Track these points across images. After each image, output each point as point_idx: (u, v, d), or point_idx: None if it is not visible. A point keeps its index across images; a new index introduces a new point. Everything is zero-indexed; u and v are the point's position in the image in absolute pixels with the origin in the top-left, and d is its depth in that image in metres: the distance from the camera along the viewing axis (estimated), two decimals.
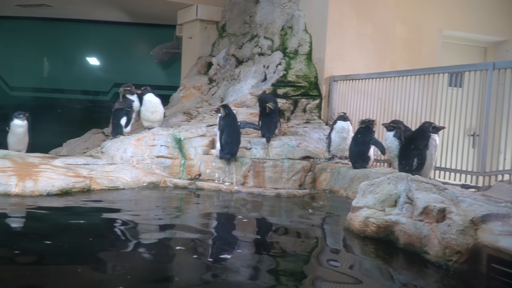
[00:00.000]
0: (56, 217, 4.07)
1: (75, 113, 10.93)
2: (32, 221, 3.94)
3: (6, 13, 10.02)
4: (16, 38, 10.73)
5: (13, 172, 4.82)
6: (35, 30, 10.69)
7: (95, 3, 8.64)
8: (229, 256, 3.13)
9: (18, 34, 10.69)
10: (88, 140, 7.76)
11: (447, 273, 2.87)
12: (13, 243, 3.27)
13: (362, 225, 3.60)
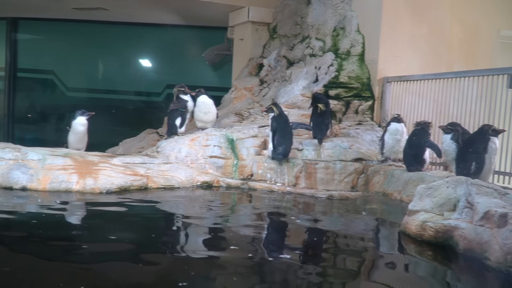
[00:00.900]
0: (117, 214, 4.23)
1: (129, 113, 11.27)
2: (95, 218, 4.10)
3: (63, 16, 10.43)
4: (73, 40, 11.17)
5: (74, 170, 5.04)
6: (91, 32, 11.09)
7: (150, 6, 8.88)
8: (281, 256, 3.16)
9: (75, 36, 11.12)
10: (143, 140, 7.99)
11: (508, 279, 2.79)
12: (80, 238, 3.43)
13: (419, 229, 3.54)
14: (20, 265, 2.80)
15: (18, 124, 11.17)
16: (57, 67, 11.12)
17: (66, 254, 3.06)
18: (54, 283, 2.56)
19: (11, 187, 4.76)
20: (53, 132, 11.38)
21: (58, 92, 11.21)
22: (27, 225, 3.68)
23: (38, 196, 4.57)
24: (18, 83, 11.11)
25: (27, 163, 5.00)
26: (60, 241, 3.35)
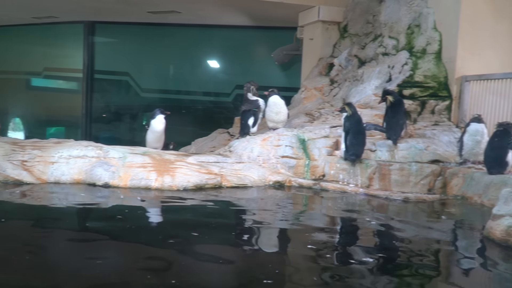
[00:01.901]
0: (196, 210, 4.35)
1: (198, 113, 11.53)
2: (176, 214, 4.24)
3: (138, 19, 10.84)
4: (147, 43, 11.59)
5: (153, 168, 5.22)
6: (164, 35, 11.44)
7: (221, 9, 9.04)
8: (353, 260, 3.11)
9: (149, 39, 11.52)
10: (214, 140, 8.14)
11: None
12: (168, 232, 3.56)
13: (504, 234, 3.39)
14: (111, 256, 2.95)
15: (95, 124, 11.72)
16: (131, 69, 11.58)
17: (152, 247, 3.19)
18: (142, 273, 2.67)
19: (94, 183, 5.01)
20: (128, 131, 11.87)
21: (132, 93, 11.66)
22: (114, 220, 3.86)
23: (120, 192, 4.78)
24: (95, 84, 11.66)
25: (108, 161, 5.24)
26: (145, 235, 3.48)
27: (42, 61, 12.21)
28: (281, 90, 6.69)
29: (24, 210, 4.08)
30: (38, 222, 3.79)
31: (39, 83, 12.82)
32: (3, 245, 3.14)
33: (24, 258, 2.89)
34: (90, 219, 3.98)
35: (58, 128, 12.80)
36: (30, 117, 12.85)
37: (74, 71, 11.64)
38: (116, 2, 8.83)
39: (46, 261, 2.87)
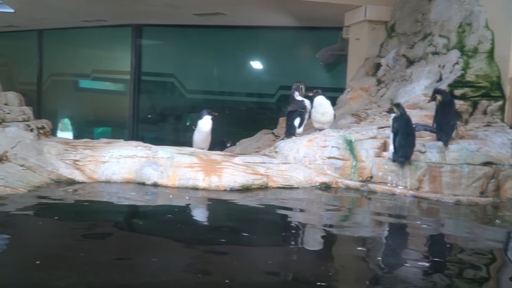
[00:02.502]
0: (244, 211, 4.36)
1: (242, 114, 11.58)
2: (225, 214, 4.27)
3: (184, 22, 10.99)
4: (192, 45, 11.74)
5: (200, 168, 5.27)
6: (209, 37, 11.56)
7: (266, 10, 9.05)
8: (406, 264, 3.04)
9: (194, 41, 11.67)
10: (259, 140, 8.16)
11: None
12: (218, 232, 3.58)
13: None
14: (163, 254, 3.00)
15: (142, 124, 11.97)
16: (177, 71, 11.76)
17: (203, 246, 3.22)
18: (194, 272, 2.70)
19: (144, 182, 5.10)
20: (173, 131, 12.07)
21: (178, 94, 11.84)
22: (164, 219, 3.93)
23: (169, 191, 4.85)
24: (142, 85, 11.90)
25: (157, 161, 5.33)
26: (195, 235, 3.52)
27: (91, 63, 12.58)
28: (326, 90, 6.63)
29: (77, 208, 4.19)
30: (90, 220, 3.89)
31: (87, 85, 13.21)
32: (58, 242, 3.25)
33: (79, 255, 2.97)
34: (141, 218, 4.06)
35: (105, 128, 13.14)
36: (78, 117, 13.25)
37: (122, 73, 11.93)
38: (164, 5, 8.99)
39: (100, 258, 2.94)
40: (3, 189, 4.34)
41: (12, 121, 5.79)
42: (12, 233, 3.41)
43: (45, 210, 4.10)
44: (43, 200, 4.34)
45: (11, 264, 2.76)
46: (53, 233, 3.45)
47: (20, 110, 6.20)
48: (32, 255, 2.89)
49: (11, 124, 5.62)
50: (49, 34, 12.81)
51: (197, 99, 11.85)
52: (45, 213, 3.99)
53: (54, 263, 2.80)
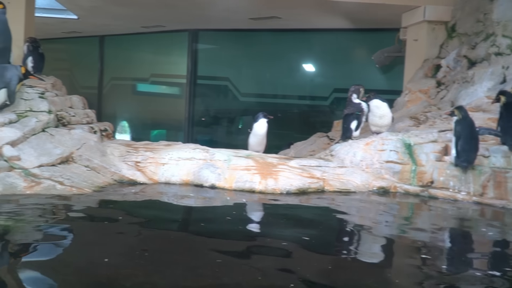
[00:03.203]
0: (302, 214, 4.37)
1: (296, 117, 11.56)
2: (283, 217, 4.27)
3: (239, 26, 11.11)
4: (246, 48, 11.85)
5: (256, 170, 5.31)
6: (263, 40, 11.64)
7: (321, 13, 9.01)
8: (466, 275, 2.93)
9: (248, 45, 11.78)
10: (314, 143, 8.12)
11: None
12: (277, 235, 3.59)
13: None
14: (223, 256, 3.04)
15: (197, 127, 12.18)
16: (231, 74, 11.91)
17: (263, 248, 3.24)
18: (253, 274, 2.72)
19: (202, 184, 5.19)
20: (228, 134, 12.21)
21: (232, 97, 11.98)
22: (223, 221, 3.98)
23: (226, 194, 4.92)
24: (197, 89, 12.12)
25: (214, 163, 5.41)
26: (254, 237, 3.55)
27: (149, 67, 12.95)
28: (381, 93, 6.51)
29: (140, 208, 4.33)
30: (153, 220, 4.01)
31: (145, 88, 13.59)
32: (124, 241, 3.35)
33: (143, 254, 3.06)
34: (202, 219, 4.13)
35: (160, 131, 13.46)
36: (135, 120, 13.64)
37: (178, 77, 12.21)
38: (221, 10, 9.13)
39: (164, 258, 3.01)
40: (70, 189, 4.54)
41: (76, 124, 6.05)
42: (80, 231, 3.56)
43: (109, 209, 4.25)
44: (107, 200, 4.50)
45: (80, 262, 2.88)
46: (118, 232, 3.57)
47: (84, 113, 6.46)
48: (100, 253, 3.00)
49: (76, 127, 5.86)
50: (110, 40, 13.30)
51: (250, 102, 11.94)
52: (110, 212, 4.14)
53: (120, 261, 2.90)
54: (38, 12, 7.82)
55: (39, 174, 4.61)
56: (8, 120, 5.12)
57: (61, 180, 4.61)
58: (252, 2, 8.49)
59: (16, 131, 4.99)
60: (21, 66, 5.75)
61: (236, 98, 12.00)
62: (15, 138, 4.89)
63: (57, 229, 3.58)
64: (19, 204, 4.07)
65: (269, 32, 11.34)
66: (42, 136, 5.21)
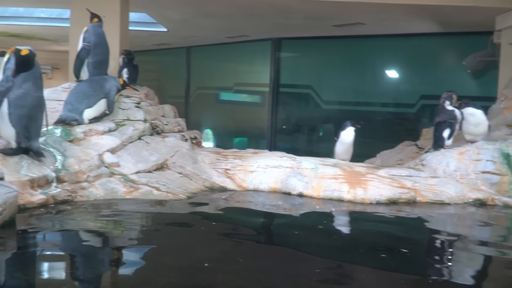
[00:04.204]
0: (395, 226, 4.28)
1: (380, 125, 11.27)
2: (375, 227, 4.20)
3: (321, 33, 11.06)
4: (329, 56, 11.77)
5: (344, 179, 5.26)
6: (345, 47, 11.51)
7: (408, 17, 8.77)
8: None
9: (331, 52, 11.70)
10: (401, 152, 7.89)
11: None
12: (372, 246, 3.55)
13: None
14: (321, 267, 3.03)
15: (280, 135, 12.26)
16: (314, 82, 11.87)
17: (361, 260, 3.20)
18: None
19: (289, 192, 5.23)
20: (309, 142, 12.17)
21: (315, 105, 11.94)
22: (315, 230, 3.98)
23: (315, 203, 4.91)
24: (280, 97, 12.21)
25: (302, 171, 5.42)
26: (351, 247, 3.52)
27: (233, 76, 13.25)
28: (474, 99, 6.21)
29: (231, 215, 4.44)
30: (244, 227, 4.09)
31: (228, 97, 13.90)
32: (218, 247, 3.45)
33: (238, 260, 3.13)
34: (293, 227, 4.14)
35: (241, 139, 13.68)
36: (219, 128, 13.98)
37: (261, 86, 12.37)
38: (305, 18, 9.16)
39: (259, 265, 3.07)
40: (166, 194, 4.75)
41: (169, 132, 6.30)
42: (177, 235, 3.72)
43: (203, 215, 4.39)
44: (201, 206, 4.66)
45: (182, 265, 3.00)
46: (212, 237, 3.68)
47: (176, 122, 6.73)
48: (198, 257, 3.11)
49: (169, 135, 6.12)
50: (196, 51, 13.77)
51: (333, 110, 11.83)
52: (204, 218, 4.28)
53: (217, 266, 2.98)
54: (130, 25, 8.25)
55: (137, 180, 4.87)
56: (107, 129, 5.45)
57: (157, 186, 4.83)
58: (337, 9, 8.43)
59: (115, 139, 5.30)
60: (119, 78, 6.13)
61: (318, 106, 11.95)
62: (114, 145, 5.20)
63: (155, 233, 3.76)
64: (119, 208, 4.31)
65: (352, 39, 11.19)
66: (138, 143, 5.49)
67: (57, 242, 3.52)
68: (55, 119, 5.19)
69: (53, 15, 11.00)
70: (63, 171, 4.45)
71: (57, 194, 4.22)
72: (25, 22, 11.20)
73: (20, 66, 4.14)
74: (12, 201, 3.49)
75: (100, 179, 4.70)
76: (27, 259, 3.04)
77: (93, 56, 6.09)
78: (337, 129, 7.65)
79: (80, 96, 5.43)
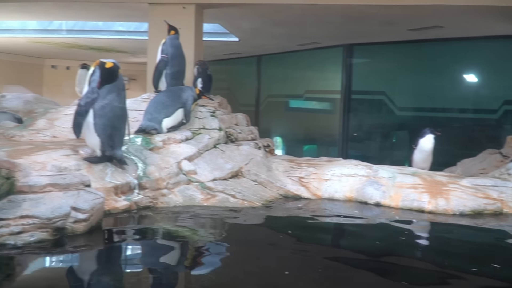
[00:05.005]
0: (484, 238, 4.05)
1: (456, 132, 10.77)
2: (462, 240, 4.01)
3: (395, 38, 10.76)
4: (403, 60, 11.42)
5: (424, 189, 5.06)
6: (421, 51, 11.11)
7: (491, 18, 8.33)
8: None
9: (405, 57, 11.34)
10: (484, 161, 7.47)
11: None
12: (465, 259, 3.37)
13: None
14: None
15: (351, 143, 12.04)
16: (388, 88, 11.57)
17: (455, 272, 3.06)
18: None
19: (366, 202, 5.11)
20: (381, 150, 11.86)
21: (388, 111, 11.62)
22: (398, 241, 3.85)
23: (394, 213, 4.76)
24: (352, 104, 12.00)
25: (378, 180, 5.29)
26: (439, 259, 3.37)
27: (303, 84, 13.20)
28: None
29: (307, 223, 4.39)
30: (321, 236, 4.04)
31: (297, 104, 13.87)
32: (296, 255, 3.43)
33: (317, 269, 3.08)
34: (373, 237, 4.03)
35: (311, 146, 13.57)
36: (288, 135, 13.96)
37: (332, 93, 12.23)
38: (379, 23, 8.96)
39: (339, 276, 3.01)
40: (242, 202, 4.79)
41: (243, 140, 6.37)
42: (256, 243, 3.73)
43: (280, 223, 4.39)
44: (277, 214, 4.66)
45: (263, 273, 3.00)
46: (290, 245, 3.66)
47: (249, 130, 6.79)
48: (277, 266, 3.10)
49: (242, 143, 6.18)
50: (266, 59, 13.88)
51: (407, 116, 11.46)
52: (281, 225, 4.27)
53: (297, 275, 2.95)
54: (204, 36, 8.44)
55: (213, 187, 4.95)
56: (184, 137, 5.58)
57: (233, 194, 4.89)
58: (413, 13, 8.17)
59: (192, 147, 5.42)
60: (195, 88, 6.28)
61: (392, 113, 11.62)
62: (191, 153, 5.32)
63: (233, 239, 3.79)
64: (199, 214, 4.38)
65: (429, 43, 10.80)
66: (214, 151, 5.59)
67: (141, 246, 3.64)
68: (136, 128, 5.38)
69: (130, 28, 11.51)
70: (144, 178, 4.60)
71: (139, 201, 4.38)
72: (104, 35, 11.81)
73: (105, 78, 4.35)
74: (99, 207, 3.65)
75: (178, 186, 4.82)
76: (113, 261, 3.17)
77: (171, 67, 6.30)
78: (412, 136, 7.38)
79: (159, 106, 5.61)
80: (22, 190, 3.49)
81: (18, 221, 3.25)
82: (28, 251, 3.08)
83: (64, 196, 3.50)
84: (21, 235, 3.21)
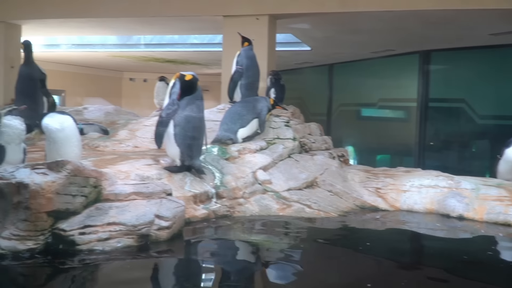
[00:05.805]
0: None
1: None
2: None
3: (477, 43, 10.27)
4: (485, 66, 10.87)
5: (511, 202, 4.78)
6: (505, 56, 10.54)
7: None
8: None
9: (488, 62, 10.79)
10: None
11: None
12: None
13: None
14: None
15: (428, 152, 11.61)
16: (468, 95, 11.06)
17: None
18: None
19: (448, 214, 4.91)
20: (460, 159, 11.34)
21: (468, 120, 11.09)
22: (483, 255, 3.67)
23: (479, 227, 4.53)
24: (429, 112, 11.58)
25: (461, 192, 5.06)
26: None
27: (377, 92, 12.91)
28: None
29: (385, 236, 4.29)
30: (402, 248, 3.92)
31: (370, 113, 13.60)
32: (377, 267, 3.36)
33: (400, 283, 2.99)
34: (457, 252, 3.85)
35: (384, 156, 13.22)
36: (360, 145, 13.69)
37: (408, 101, 11.86)
38: (458, 28, 8.62)
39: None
40: (318, 212, 4.76)
41: (317, 150, 6.32)
42: (336, 254, 3.69)
43: (358, 234, 4.31)
44: (354, 225, 4.59)
45: (341, 283, 2.96)
46: (370, 257, 3.59)
47: (322, 140, 6.73)
48: (358, 277, 3.05)
49: (317, 153, 6.13)
50: (338, 67, 13.75)
51: (489, 124, 10.88)
52: (359, 237, 4.20)
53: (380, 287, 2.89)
54: (276, 46, 8.48)
55: (288, 197, 4.95)
56: (259, 147, 5.63)
57: (309, 204, 4.86)
58: (497, 17, 7.77)
59: (266, 157, 5.46)
60: (269, 98, 6.34)
61: (472, 121, 11.08)
62: (266, 163, 5.35)
63: (311, 250, 3.77)
64: (275, 224, 4.40)
65: None
66: (288, 161, 5.59)
67: (220, 255, 3.71)
68: (212, 138, 5.51)
69: (204, 40, 11.84)
70: (221, 188, 4.69)
71: (217, 209, 4.46)
72: (180, 48, 12.23)
73: (184, 90, 4.49)
74: (180, 215, 3.76)
75: (254, 195, 4.87)
76: (195, 268, 3.25)
77: (245, 78, 6.40)
78: (494, 146, 6.94)
79: (235, 116, 5.70)
80: (108, 198, 3.66)
81: (106, 227, 3.41)
82: (115, 256, 3.22)
83: (147, 204, 3.65)
84: (109, 241, 3.37)
